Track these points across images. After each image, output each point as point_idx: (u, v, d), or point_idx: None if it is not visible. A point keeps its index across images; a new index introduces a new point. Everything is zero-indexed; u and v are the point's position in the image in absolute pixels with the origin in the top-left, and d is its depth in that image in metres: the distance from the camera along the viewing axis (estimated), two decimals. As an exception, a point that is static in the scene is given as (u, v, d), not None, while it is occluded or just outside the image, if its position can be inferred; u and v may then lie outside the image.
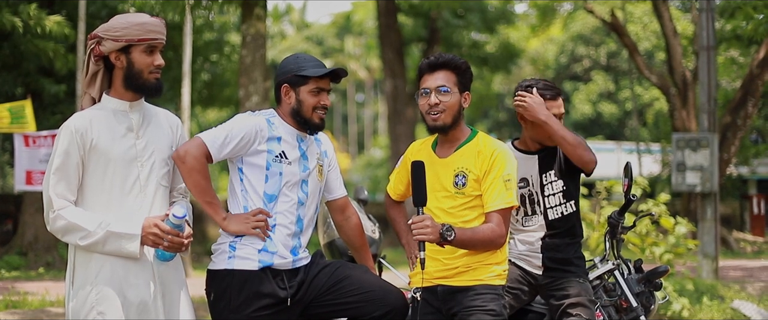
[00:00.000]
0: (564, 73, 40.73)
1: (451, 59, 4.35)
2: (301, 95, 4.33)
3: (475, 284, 4.27)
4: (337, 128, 56.31)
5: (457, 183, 4.31)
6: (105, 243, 3.90)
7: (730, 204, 29.10)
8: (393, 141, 25.42)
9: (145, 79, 4.04)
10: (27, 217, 17.52)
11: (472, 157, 4.32)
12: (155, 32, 4.03)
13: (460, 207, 4.30)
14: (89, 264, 3.96)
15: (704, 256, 13.23)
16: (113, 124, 4.03)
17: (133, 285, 3.98)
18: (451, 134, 4.38)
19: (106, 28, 4.01)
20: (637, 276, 5.15)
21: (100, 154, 3.97)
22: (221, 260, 4.26)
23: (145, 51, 4.02)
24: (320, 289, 4.31)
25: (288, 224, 4.28)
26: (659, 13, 20.53)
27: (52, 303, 11.05)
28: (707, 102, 13.66)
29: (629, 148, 32.94)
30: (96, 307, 3.92)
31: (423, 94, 4.36)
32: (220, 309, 4.25)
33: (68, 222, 3.90)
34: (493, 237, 4.21)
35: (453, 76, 4.34)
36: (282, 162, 4.27)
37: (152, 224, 3.94)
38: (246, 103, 14.68)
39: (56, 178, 3.92)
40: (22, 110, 13.67)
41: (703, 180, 13.52)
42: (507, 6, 27.59)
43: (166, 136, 4.20)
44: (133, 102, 4.10)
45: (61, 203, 3.91)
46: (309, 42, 52.04)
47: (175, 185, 4.28)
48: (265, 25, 14.98)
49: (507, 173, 4.27)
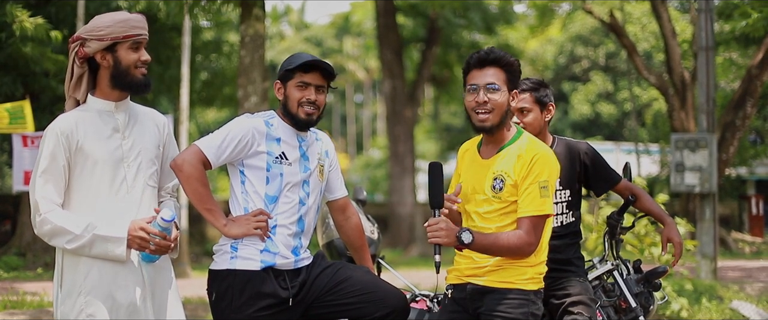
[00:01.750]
0: (563, 73, 40.73)
1: (503, 56, 4.17)
2: (288, 90, 4.34)
3: (504, 287, 4.14)
4: (335, 129, 56.28)
5: (495, 187, 4.15)
6: (92, 246, 3.89)
7: (729, 205, 29.12)
8: (392, 141, 25.43)
9: (132, 75, 4.02)
10: (25, 218, 17.52)
11: (512, 160, 4.14)
12: (139, 28, 4.02)
13: (497, 213, 4.16)
14: (77, 268, 3.95)
15: (703, 257, 13.24)
16: (99, 125, 4.02)
17: (121, 287, 3.96)
18: (496, 135, 4.22)
19: (89, 29, 3.99)
20: (636, 276, 5.14)
21: (86, 155, 3.96)
22: (223, 260, 4.26)
23: (131, 47, 4.00)
24: (322, 290, 4.31)
25: (289, 224, 4.28)
26: (658, 14, 20.53)
27: (50, 303, 11.04)
28: (706, 102, 13.67)
29: (628, 148, 32.97)
30: (85, 310, 3.91)
31: (470, 90, 4.17)
32: (221, 309, 4.25)
33: (55, 226, 3.88)
34: (519, 245, 4.04)
35: (503, 73, 4.16)
36: (282, 163, 4.26)
37: (138, 227, 3.92)
38: (245, 104, 14.64)
39: (43, 181, 3.90)
40: (20, 110, 13.67)
41: (702, 181, 13.53)
42: (507, 6, 27.57)
43: (153, 135, 4.18)
44: (119, 102, 4.08)
45: (47, 206, 3.89)
46: (308, 43, 52.02)
47: (163, 184, 4.26)
48: (263, 26, 14.93)
49: (545, 179, 4.09)
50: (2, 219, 19.67)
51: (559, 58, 41.36)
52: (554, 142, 4.92)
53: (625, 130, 39.33)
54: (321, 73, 4.35)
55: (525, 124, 4.76)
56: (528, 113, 4.79)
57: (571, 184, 4.84)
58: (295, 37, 53.87)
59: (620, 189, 5.02)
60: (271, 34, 46.45)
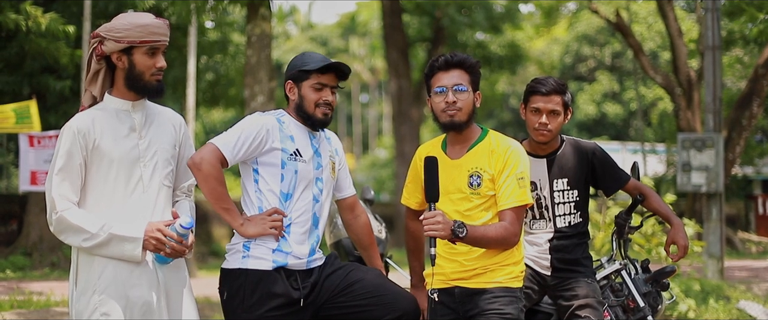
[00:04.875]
0: (568, 73, 40.67)
1: (466, 58, 4.32)
2: (303, 90, 4.34)
3: (492, 286, 4.23)
4: (341, 128, 56.30)
5: (472, 183, 4.27)
6: (108, 245, 3.89)
7: (735, 205, 29.06)
8: (398, 141, 25.43)
9: (146, 80, 4.02)
10: (31, 217, 17.54)
11: (486, 156, 4.28)
12: (158, 34, 3.99)
13: (476, 209, 4.26)
14: (92, 266, 3.95)
15: (710, 257, 13.21)
16: (116, 124, 4.01)
17: (136, 286, 3.96)
18: (464, 134, 4.34)
19: (108, 28, 3.99)
20: (644, 276, 5.13)
21: (102, 154, 3.96)
22: (235, 259, 4.26)
23: (147, 53, 3.99)
24: (333, 291, 4.31)
25: (303, 222, 4.29)
26: (664, 13, 20.49)
27: (56, 303, 11.05)
28: (712, 102, 13.64)
29: (634, 148, 32.89)
30: (99, 308, 3.91)
31: (438, 92, 4.30)
32: (232, 308, 4.25)
33: (71, 224, 3.88)
34: (506, 236, 4.19)
35: (467, 75, 4.31)
36: (297, 160, 4.27)
37: (155, 229, 3.92)
38: (251, 103, 14.68)
39: (59, 179, 3.90)
40: (27, 110, 13.67)
41: (709, 181, 13.50)
42: (514, 5, 27.53)
43: (169, 135, 4.17)
44: (136, 101, 4.08)
45: (64, 204, 3.89)
46: (313, 42, 52.03)
47: (178, 184, 4.26)
48: (270, 26, 14.97)
49: (521, 171, 4.25)
50: (8, 219, 19.67)
51: (564, 57, 41.31)
52: (562, 142, 4.90)
53: (631, 130, 39.27)
54: (336, 74, 4.37)
55: (552, 128, 4.71)
56: (558, 115, 4.74)
57: (579, 184, 4.83)
58: (300, 37, 53.88)
59: (629, 189, 5.01)
60: (277, 34, 46.47)
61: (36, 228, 17.41)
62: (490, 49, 28.42)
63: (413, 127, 25.23)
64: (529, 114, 4.76)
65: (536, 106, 4.71)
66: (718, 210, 13.56)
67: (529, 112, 4.76)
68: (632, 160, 5.52)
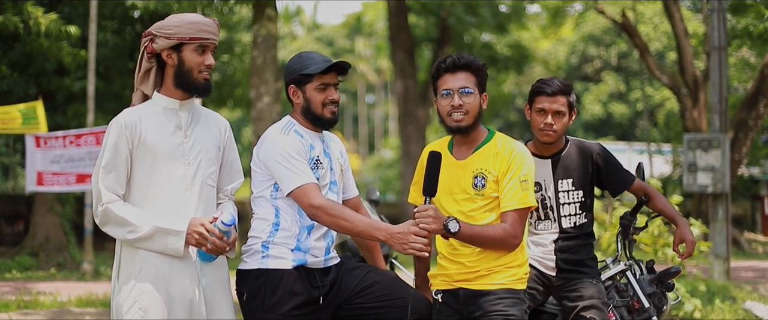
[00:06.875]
0: (575, 73, 40.63)
1: (473, 61, 4.30)
2: (308, 93, 4.36)
3: (496, 288, 4.22)
4: (347, 129, 56.31)
5: (477, 184, 4.26)
6: (152, 238, 3.95)
7: (742, 205, 29.00)
8: (404, 141, 25.41)
9: (194, 77, 4.10)
10: (38, 218, 17.56)
11: (491, 157, 4.27)
12: (207, 32, 4.09)
13: (480, 210, 4.25)
14: (134, 259, 4.01)
15: (716, 257, 13.19)
16: (162, 121, 4.09)
17: (176, 282, 4.02)
18: (470, 135, 4.32)
19: (159, 26, 4.09)
20: (649, 276, 5.14)
21: (147, 149, 4.03)
22: (254, 260, 4.28)
23: (197, 50, 4.08)
24: (351, 291, 4.33)
25: (322, 224, 4.28)
26: (670, 14, 20.47)
27: (62, 303, 11.07)
28: (718, 102, 13.62)
29: (640, 148, 32.84)
30: (138, 303, 3.96)
31: (444, 94, 4.29)
32: (252, 309, 4.26)
33: (116, 216, 3.96)
34: (504, 237, 4.15)
35: (473, 77, 4.29)
36: (319, 167, 4.31)
37: (198, 224, 3.97)
38: (257, 104, 14.71)
39: (105, 172, 3.98)
40: (33, 111, 13.71)
41: (715, 181, 13.48)
42: (521, 5, 27.49)
43: (214, 136, 4.24)
44: (184, 101, 4.16)
45: (109, 196, 3.97)
46: (319, 43, 52.05)
47: (222, 187, 4.31)
48: (276, 26, 15.01)
49: (524, 173, 4.22)
50: (15, 220, 19.72)
51: (571, 58, 41.27)
52: (567, 143, 4.90)
53: (637, 130, 39.21)
54: (336, 71, 4.39)
55: (557, 128, 4.72)
56: (563, 116, 4.74)
57: (584, 185, 4.84)
58: (306, 37, 53.92)
59: (634, 190, 5.02)
60: (283, 35, 46.49)
61: (42, 229, 17.43)
62: (496, 49, 28.39)
63: (419, 127, 25.21)
64: (534, 114, 4.77)
65: (541, 106, 4.72)
66: (725, 211, 13.54)
67: (534, 113, 4.77)
68: (638, 161, 5.52)
